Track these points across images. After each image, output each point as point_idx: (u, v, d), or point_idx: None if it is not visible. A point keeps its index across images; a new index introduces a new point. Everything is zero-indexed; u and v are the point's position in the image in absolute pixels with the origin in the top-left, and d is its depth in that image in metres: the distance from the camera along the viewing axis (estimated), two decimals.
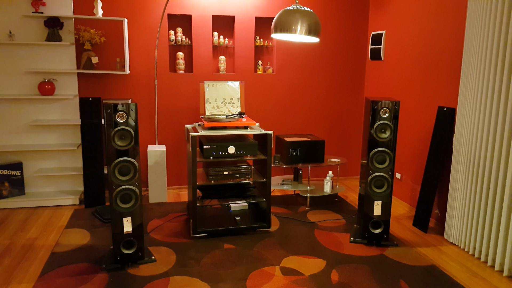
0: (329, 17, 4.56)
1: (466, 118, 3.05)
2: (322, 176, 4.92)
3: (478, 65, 2.91)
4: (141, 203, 2.73)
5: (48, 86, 3.85)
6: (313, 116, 4.73)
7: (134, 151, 2.66)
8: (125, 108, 2.60)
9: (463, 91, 3.06)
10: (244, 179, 3.30)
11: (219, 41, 4.38)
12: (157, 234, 3.31)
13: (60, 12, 3.86)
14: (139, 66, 4.19)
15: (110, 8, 4.03)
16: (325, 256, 2.96)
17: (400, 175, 4.18)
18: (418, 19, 3.76)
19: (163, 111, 4.33)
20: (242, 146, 3.21)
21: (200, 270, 2.73)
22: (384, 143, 3.03)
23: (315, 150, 4.00)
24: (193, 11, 4.22)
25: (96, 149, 3.88)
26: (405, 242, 3.24)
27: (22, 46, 3.86)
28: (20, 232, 3.31)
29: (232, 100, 3.54)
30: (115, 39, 4.11)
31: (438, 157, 3.36)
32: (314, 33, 3.04)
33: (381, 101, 2.98)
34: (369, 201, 3.11)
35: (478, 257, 2.97)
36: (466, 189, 3.07)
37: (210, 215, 3.59)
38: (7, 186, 3.89)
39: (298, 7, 3.04)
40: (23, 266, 2.77)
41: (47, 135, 4.05)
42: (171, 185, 4.50)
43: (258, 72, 4.55)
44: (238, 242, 3.18)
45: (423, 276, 2.70)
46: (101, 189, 3.94)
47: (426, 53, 3.66)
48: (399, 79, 4.12)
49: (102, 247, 3.05)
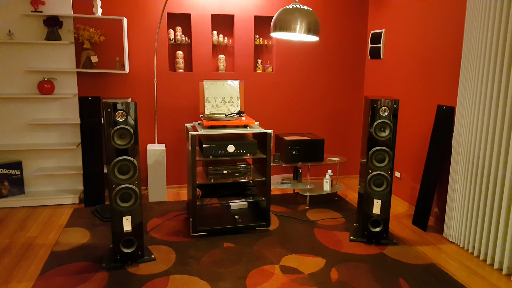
0: (329, 16, 4.56)
1: (465, 116, 3.05)
2: (322, 175, 4.92)
3: (477, 63, 2.91)
4: (140, 202, 2.74)
5: (48, 85, 3.85)
6: (312, 115, 4.73)
7: (133, 150, 2.66)
8: (125, 107, 2.60)
9: (462, 90, 3.07)
10: (244, 178, 3.30)
11: (219, 40, 4.38)
12: (157, 233, 3.31)
13: (60, 11, 3.86)
14: (138, 65, 4.19)
15: (109, 7, 4.03)
16: (325, 255, 2.97)
17: (399, 174, 4.18)
18: (418, 18, 3.77)
19: (163, 110, 4.33)
20: (241, 145, 3.21)
21: (200, 268, 2.74)
22: (383, 141, 3.04)
23: (314, 149, 4.00)
24: (192, 10, 4.21)
25: (95, 148, 3.88)
26: (405, 240, 3.25)
27: (22, 45, 3.86)
28: (20, 231, 3.32)
29: (231, 99, 3.54)
30: (114, 38, 4.11)
31: (438, 156, 3.37)
32: (313, 32, 3.04)
33: (381, 100, 2.98)
34: (368, 200, 3.12)
35: (477, 256, 2.98)
36: (465, 188, 3.07)
37: (209, 214, 3.60)
38: (6, 185, 3.90)
39: (297, 6, 3.04)
40: (23, 265, 2.77)
41: (47, 134, 4.05)
42: (171, 184, 4.50)
43: (257, 71, 4.55)
44: (237, 240, 3.19)
45: (422, 274, 2.70)
46: (100, 188, 3.94)
47: (426, 52, 3.67)
48: (398, 78, 4.12)
49: (101, 246, 3.06)
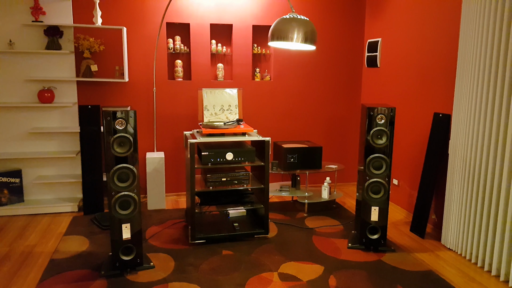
0: (326, 25, 4.62)
1: (461, 124, 3.09)
2: (320, 182, 4.94)
3: (472, 72, 2.95)
4: (139, 210, 2.75)
5: (48, 94, 3.88)
6: (310, 123, 4.77)
7: (133, 158, 2.69)
8: (124, 116, 2.62)
9: (458, 98, 3.11)
10: (242, 186, 3.32)
11: (217, 49, 4.43)
12: (156, 240, 3.32)
13: (60, 21, 3.91)
14: (138, 74, 4.23)
15: (109, 17, 4.08)
16: (323, 262, 2.98)
17: (397, 181, 4.20)
18: (414, 27, 3.82)
19: (162, 119, 4.35)
20: (240, 152, 3.23)
21: (199, 276, 2.74)
22: (380, 149, 3.07)
23: (312, 156, 4.02)
24: (191, 20, 4.27)
25: (95, 156, 3.90)
26: (403, 247, 3.26)
27: (22, 55, 3.90)
28: (19, 239, 3.32)
29: (230, 107, 3.57)
30: (114, 48, 4.15)
31: (435, 163, 3.39)
32: (310, 41, 3.08)
33: (377, 108, 3.01)
34: (366, 207, 3.14)
35: (475, 262, 2.99)
36: (462, 195, 3.09)
37: (208, 221, 3.61)
38: (6, 194, 3.91)
39: (294, 15, 3.09)
40: (22, 273, 2.77)
41: (46, 142, 4.07)
42: (170, 191, 4.52)
43: (255, 79, 4.59)
44: (236, 248, 3.20)
45: (420, 281, 2.71)
46: (100, 196, 3.95)
47: (422, 60, 3.71)
48: (395, 86, 4.16)
49: (101, 254, 3.06)
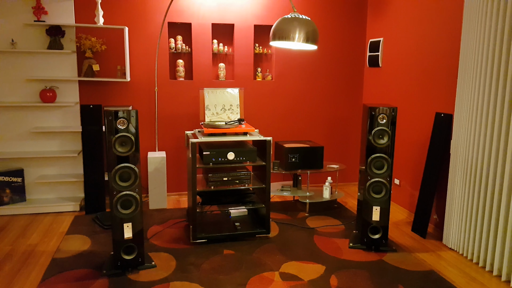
0: (328, 25, 4.61)
1: (463, 124, 3.08)
2: (321, 182, 4.94)
3: (474, 71, 2.95)
4: (141, 209, 2.76)
5: (50, 94, 3.89)
6: (312, 123, 4.76)
7: (134, 157, 2.69)
8: (126, 115, 2.63)
9: (460, 97, 3.10)
10: (244, 185, 3.32)
11: (219, 48, 4.43)
12: (157, 240, 3.33)
13: (62, 20, 3.92)
14: (139, 73, 4.24)
15: (111, 17, 4.08)
16: (324, 262, 2.98)
17: (398, 181, 4.20)
18: (415, 27, 3.81)
19: (163, 118, 4.36)
20: (241, 152, 3.23)
21: (200, 275, 2.75)
22: (382, 149, 3.06)
23: (314, 156, 4.02)
24: (193, 20, 4.27)
25: (96, 156, 3.91)
26: (404, 247, 3.26)
27: (24, 54, 3.91)
28: (21, 239, 3.33)
29: (231, 107, 3.57)
30: (116, 47, 4.15)
31: (436, 163, 3.39)
32: (311, 40, 3.08)
33: (379, 108, 3.01)
34: (367, 207, 3.14)
35: (476, 262, 2.98)
36: (464, 195, 3.09)
37: (209, 221, 3.61)
38: (8, 193, 3.92)
39: (296, 15, 3.09)
40: (24, 272, 2.78)
41: (48, 142, 4.08)
42: (171, 191, 4.52)
43: (257, 79, 4.60)
44: (237, 247, 3.20)
45: (421, 281, 2.71)
46: (101, 196, 3.96)
47: (423, 60, 3.71)
48: (396, 86, 4.16)
49: (102, 253, 3.07)
